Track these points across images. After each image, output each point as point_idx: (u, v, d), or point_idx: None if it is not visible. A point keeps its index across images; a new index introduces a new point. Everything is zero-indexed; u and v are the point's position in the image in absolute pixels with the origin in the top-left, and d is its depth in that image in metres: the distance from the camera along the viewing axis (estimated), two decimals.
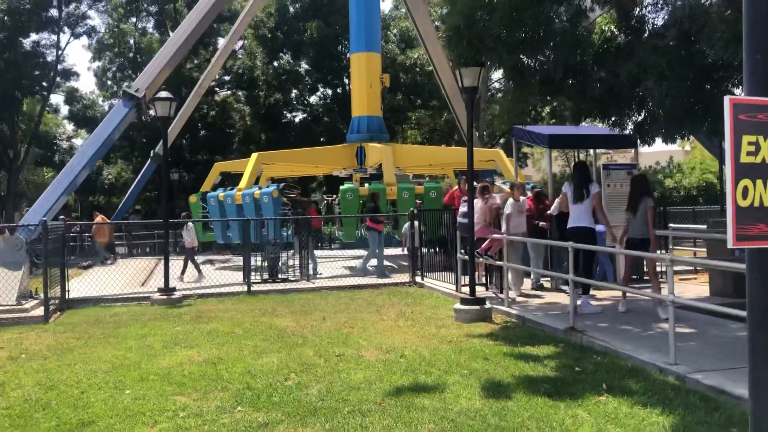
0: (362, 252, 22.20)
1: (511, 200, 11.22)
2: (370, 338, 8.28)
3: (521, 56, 9.42)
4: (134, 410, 5.65)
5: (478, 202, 10.85)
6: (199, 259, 21.04)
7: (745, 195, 2.44)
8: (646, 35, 9.17)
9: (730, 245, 2.45)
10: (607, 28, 9.67)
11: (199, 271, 15.34)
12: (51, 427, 5.36)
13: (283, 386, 6.24)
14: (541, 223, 11.79)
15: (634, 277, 12.85)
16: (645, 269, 12.91)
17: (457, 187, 15.70)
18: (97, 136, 14.51)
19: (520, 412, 5.29)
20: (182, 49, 16.38)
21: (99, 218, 21.18)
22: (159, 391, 6.19)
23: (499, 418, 5.14)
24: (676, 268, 13.63)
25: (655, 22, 9.02)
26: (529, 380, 6.18)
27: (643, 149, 13.70)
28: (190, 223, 16.16)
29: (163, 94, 12.21)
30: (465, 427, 4.99)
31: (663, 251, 11.30)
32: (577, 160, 43.61)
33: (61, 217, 13.86)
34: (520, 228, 11.01)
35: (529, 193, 12.49)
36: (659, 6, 9.04)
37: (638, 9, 9.38)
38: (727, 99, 2.32)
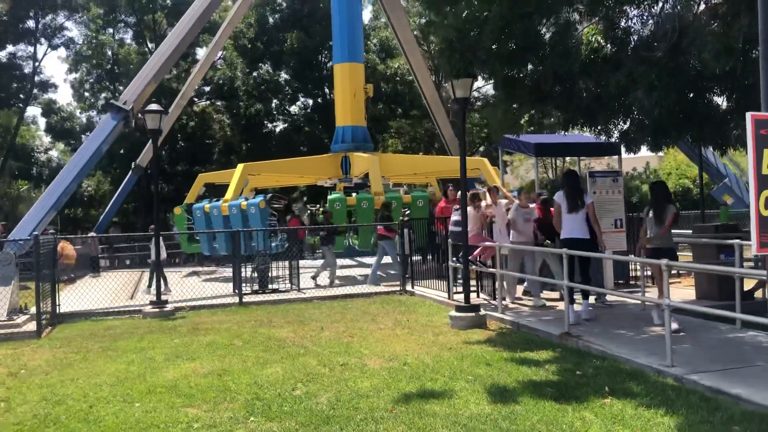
0: (349, 261, 22.37)
1: (516, 204, 11.27)
2: (370, 347, 8.38)
3: (512, 67, 9.64)
4: (147, 423, 5.69)
5: (469, 210, 11.00)
6: (185, 270, 21.05)
7: (767, 205, 2.60)
8: (631, 46, 9.45)
9: (754, 252, 2.61)
10: (594, 39, 9.94)
11: (166, 283, 15.26)
12: None
13: (292, 396, 6.31)
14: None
15: (620, 281, 13.14)
16: (632, 274, 13.24)
17: (442, 198, 15.82)
18: (85, 149, 14.44)
19: (529, 415, 5.44)
20: (169, 62, 16.41)
21: (60, 246, 20.67)
22: (168, 404, 6.23)
23: (509, 422, 5.28)
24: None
25: (642, 34, 9.28)
26: (534, 384, 6.33)
27: (616, 156, 14.01)
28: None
29: (153, 106, 12.23)
30: (477, 431, 5.13)
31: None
32: (558, 167, 44.10)
33: (51, 231, 13.75)
34: (523, 236, 11.04)
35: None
36: (644, 18, 9.32)
37: (624, 20, 9.67)
38: (749, 116, 2.49)
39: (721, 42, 6.46)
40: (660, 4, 9.01)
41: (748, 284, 10.28)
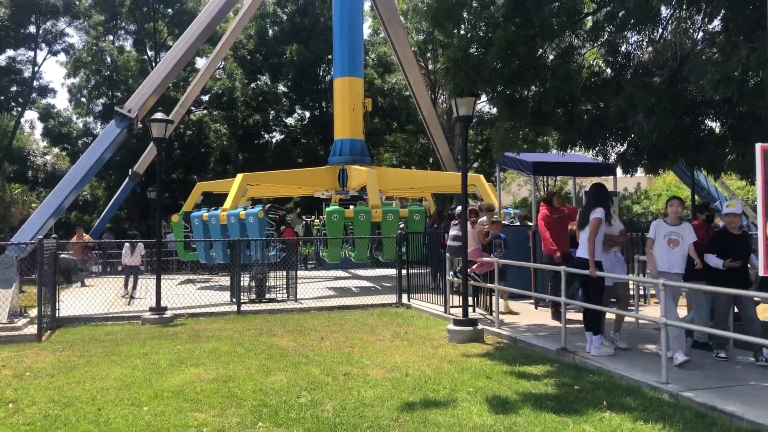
0: (342, 273, 22.53)
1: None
2: (371, 357, 8.53)
3: (515, 88, 9.90)
4: (157, 426, 5.82)
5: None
6: (179, 278, 21.12)
7: None
8: (631, 71, 9.73)
9: (761, 273, 2.81)
10: (595, 63, 10.24)
11: (133, 290, 15.47)
12: None
13: (298, 403, 6.45)
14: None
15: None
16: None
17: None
18: (89, 156, 14.56)
19: (531, 427, 5.61)
20: (174, 71, 16.59)
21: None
22: (176, 408, 6.35)
23: None
24: (653, 290, 14.21)
25: (641, 59, 9.56)
26: (534, 398, 6.50)
27: (611, 177, 14.30)
28: (127, 244, 16.31)
29: (159, 115, 12.39)
30: None
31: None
32: (549, 186, 44.38)
33: (53, 235, 13.84)
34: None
35: None
36: (644, 44, 9.61)
37: (624, 46, 9.96)
38: (758, 147, 2.70)
39: (720, 72, 6.72)
40: (660, 31, 9.32)
41: None
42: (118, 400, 6.66)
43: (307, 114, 40.69)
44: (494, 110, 38.18)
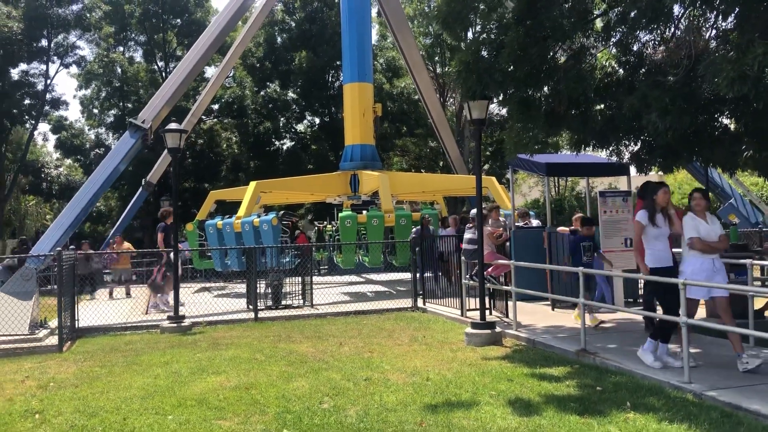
0: (356, 278, 22.57)
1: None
2: (391, 362, 8.55)
3: (527, 90, 9.91)
4: None
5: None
6: (195, 286, 21.21)
7: None
8: (644, 70, 9.72)
9: None
10: (608, 64, 10.24)
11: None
12: None
13: (321, 409, 6.48)
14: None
15: (629, 300, 13.32)
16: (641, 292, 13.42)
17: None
18: (104, 167, 14.69)
19: (555, 429, 5.61)
20: (186, 82, 16.70)
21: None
22: (201, 416, 6.40)
23: None
24: None
25: (654, 58, 9.55)
26: (556, 399, 6.50)
27: (623, 177, 14.27)
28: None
29: (173, 125, 12.49)
30: None
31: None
32: (560, 186, 44.18)
33: (71, 246, 13.97)
34: None
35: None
36: (657, 43, 9.60)
37: (636, 45, 9.96)
38: None
39: (736, 69, 6.70)
40: (672, 30, 9.31)
41: (758, 303, 10.46)
42: (143, 410, 6.72)
43: (317, 120, 40.86)
44: (503, 112, 38.20)
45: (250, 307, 14.05)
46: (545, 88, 10.02)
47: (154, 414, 6.55)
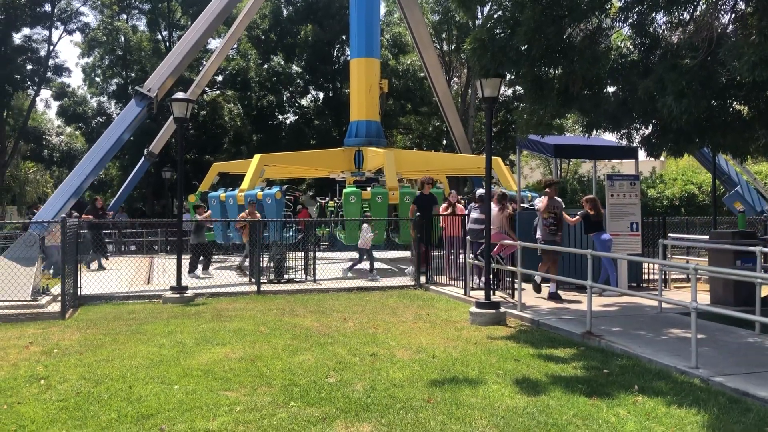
0: (357, 255, 22.48)
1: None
2: (396, 339, 8.54)
3: (541, 69, 9.78)
4: (189, 404, 5.84)
5: (494, 208, 11.15)
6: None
7: None
8: (659, 52, 9.59)
9: None
10: (623, 45, 10.11)
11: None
12: (112, 419, 5.52)
13: (327, 383, 6.47)
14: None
15: (633, 284, 13.31)
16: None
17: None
18: (108, 136, 14.56)
19: (564, 410, 5.59)
20: (191, 52, 16.50)
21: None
22: (207, 387, 6.38)
23: (546, 416, 5.43)
24: (674, 275, 14.14)
25: (670, 41, 9.42)
26: (563, 380, 6.49)
27: (626, 161, 14.17)
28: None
29: (180, 94, 12.36)
30: (516, 424, 5.28)
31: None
32: (563, 169, 44.07)
33: (75, 213, 13.90)
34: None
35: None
36: (674, 25, 9.46)
37: (652, 27, 9.81)
38: None
39: (758, 53, 6.59)
40: (690, 12, 9.16)
41: (765, 291, 10.43)
42: (149, 378, 6.71)
43: (321, 95, 40.54)
44: (509, 92, 37.85)
45: (253, 280, 14.03)
46: (559, 68, 9.88)
47: (159, 383, 6.54)
